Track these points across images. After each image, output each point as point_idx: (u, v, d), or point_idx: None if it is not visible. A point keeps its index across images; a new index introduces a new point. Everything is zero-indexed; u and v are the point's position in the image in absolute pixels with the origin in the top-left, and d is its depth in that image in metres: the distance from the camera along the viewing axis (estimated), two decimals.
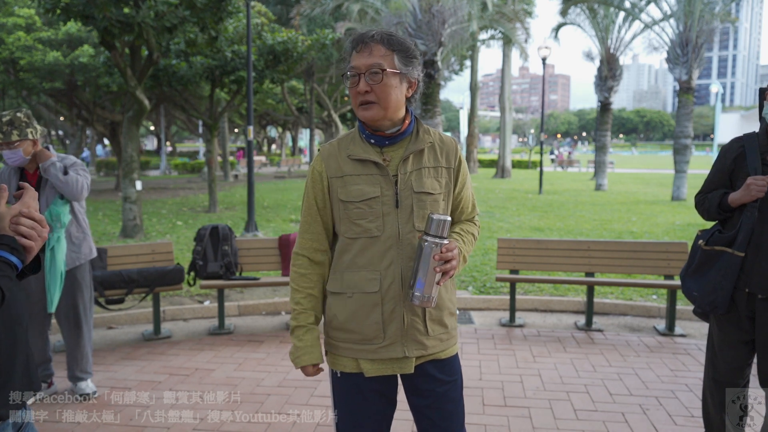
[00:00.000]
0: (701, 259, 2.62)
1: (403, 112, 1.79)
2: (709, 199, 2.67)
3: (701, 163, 34.99)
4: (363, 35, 1.75)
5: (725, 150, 2.67)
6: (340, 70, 1.86)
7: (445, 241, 1.69)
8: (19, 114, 3.33)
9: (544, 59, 20.75)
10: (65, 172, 3.45)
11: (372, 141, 1.79)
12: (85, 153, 30.69)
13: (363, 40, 1.74)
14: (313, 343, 1.84)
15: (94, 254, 3.77)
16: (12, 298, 1.29)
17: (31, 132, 3.36)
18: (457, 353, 1.91)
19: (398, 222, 1.76)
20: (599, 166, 20.78)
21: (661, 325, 5.24)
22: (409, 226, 1.76)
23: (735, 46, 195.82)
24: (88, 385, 3.68)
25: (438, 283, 1.71)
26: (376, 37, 1.73)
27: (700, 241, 2.66)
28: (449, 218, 1.70)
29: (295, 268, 1.87)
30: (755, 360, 2.61)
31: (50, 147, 3.59)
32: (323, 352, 1.88)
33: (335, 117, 29.22)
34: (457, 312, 1.93)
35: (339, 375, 1.86)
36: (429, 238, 1.69)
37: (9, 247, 1.29)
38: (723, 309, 2.53)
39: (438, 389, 1.84)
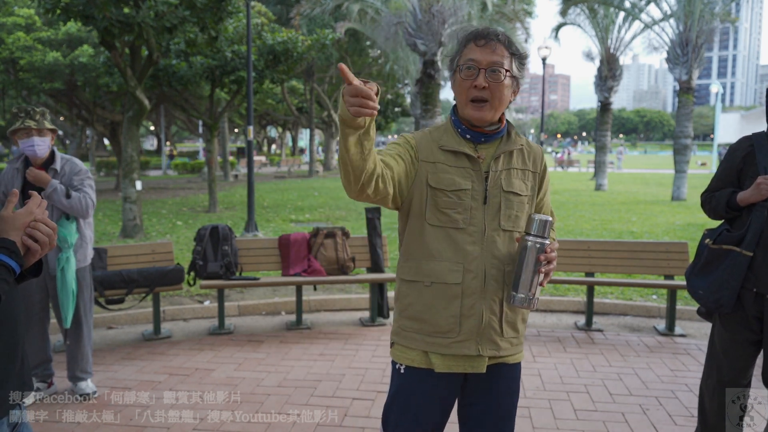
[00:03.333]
0: (708, 258, 2.61)
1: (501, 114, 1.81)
2: (717, 198, 2.64)
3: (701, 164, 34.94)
4: (486, 31, 1.73)
5: (734, 148, 2.65)
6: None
7: (548, 241, 1.68)
8: (43, 108, 3.49)
9: (544, 59, 20.76)
10: (68, 194, 3.44)
11: (468, 136, 1.78)
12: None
13: (487, 35, 1.72)
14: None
15: (88, 262, 3.76)
16: (9, 300, 1.29)
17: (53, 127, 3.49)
18: (521, 361, 1.87)
19: (485, 218, 1.75)
20: (599, 166, 20.78)
21: (661, 325, 5.23)
22: (495, 224, 1.75)
23: (735, 46, 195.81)
24: (88, 385, 3.68)
25: (541, 284, 1.69)
26: (501, 37, 1.72)
27: (707, 240, 2.64)
28: (551, 218, 1.70)
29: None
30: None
31: (55, 150, 3.56)
32: (389, 343, 1.86)
33: (335, 117, 29.20)
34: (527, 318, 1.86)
35: (403, 371, 1.80)
36: (531, 238, 1.67)
37: (8, 251, 1.30)
38: (729, 308, 2.52)
39: (498, 396, 1.81)
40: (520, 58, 1.75)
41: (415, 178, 1.76)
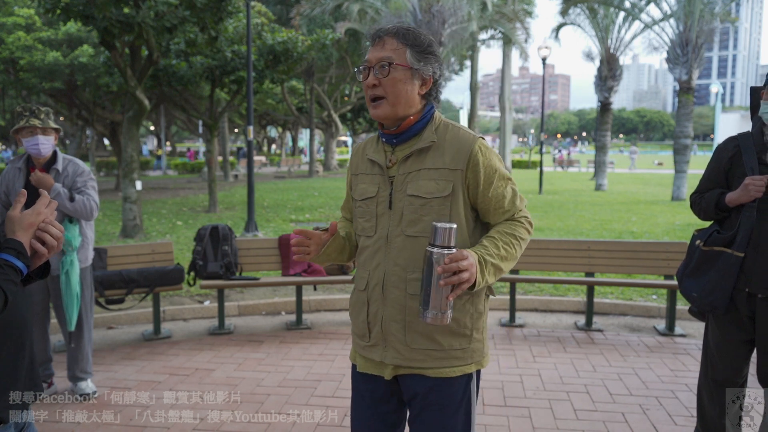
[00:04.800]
0: (700, 260, 2.62)
1: (413, 110, 1.71)
2: (706, 199, 2.66)
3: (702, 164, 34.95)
4: (379, 29, 1.71)
5: (720, 149, 2.66)
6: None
7: (453, 251, 1.54)
8: (48, 108, 3.48)
9: (544, 59, 20.75)
10: (71, 198, 3.44)
11: (384, 140, 1.78)
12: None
13: (378, 34, 1.70)
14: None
15: (89, 262, 3.76)
16: (16, 302, 1.28)
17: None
18: (459, 378, 1.71)
19: (390, 224, 1.71)
20: (599, 166, 20.79)
21: (661, 325, 5.24)
22: (399, 230, 1.69)
23: (735, 46, 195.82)
24: (88, 385, 3.68)
25: (448, 298, 1.55)
26: (391, 30, 1.69)
27: (698, 242, 2.65)
28: (455, 225, 1.55)
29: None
30: (752, 359, 2.61)
31: (57, 150, 3.56)
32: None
33: (335, 117, 29.21)
34: (471, 333, 1.72)
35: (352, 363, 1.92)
36: (435, 249, 1.54)
37: (15, 252, 1.28)
38: (722, 309, 2.53)
39: (420, 409, 1.72)
40: (419, 46, 1.67)
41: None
